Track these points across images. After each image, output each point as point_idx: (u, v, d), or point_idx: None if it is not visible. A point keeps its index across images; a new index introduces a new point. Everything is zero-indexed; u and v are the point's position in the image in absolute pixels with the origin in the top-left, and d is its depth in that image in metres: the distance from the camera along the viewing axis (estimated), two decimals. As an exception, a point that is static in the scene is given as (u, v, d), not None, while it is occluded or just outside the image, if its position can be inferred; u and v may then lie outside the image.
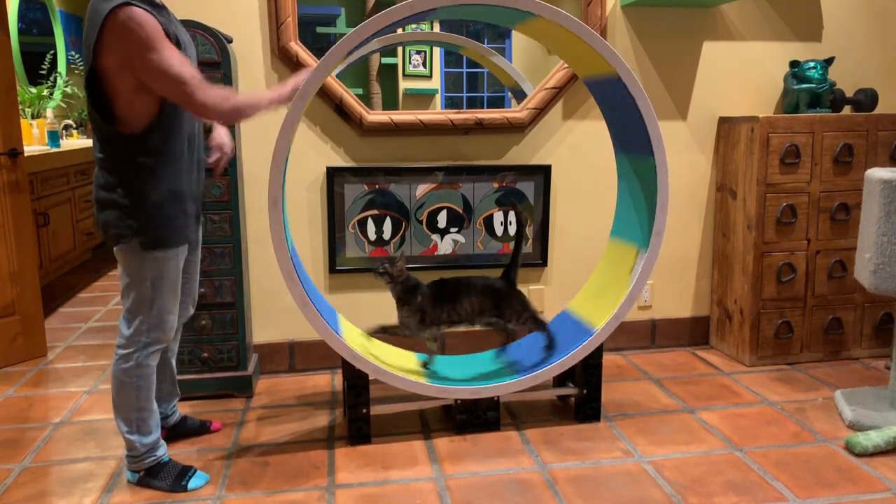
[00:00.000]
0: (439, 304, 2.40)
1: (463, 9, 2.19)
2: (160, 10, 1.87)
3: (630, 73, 2.25)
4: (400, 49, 3.09)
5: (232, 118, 1.92)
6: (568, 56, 2.51)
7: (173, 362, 2.31)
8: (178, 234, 1.98)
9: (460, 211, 2.97)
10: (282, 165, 2.09)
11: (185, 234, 2.01)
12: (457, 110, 2.90)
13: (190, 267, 2.19)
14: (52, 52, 5.22)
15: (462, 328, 2.52)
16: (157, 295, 1.98)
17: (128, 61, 1.78)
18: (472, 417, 2.42)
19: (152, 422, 2.08)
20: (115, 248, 1.97)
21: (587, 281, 2.68)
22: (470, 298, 2.42)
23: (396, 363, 2.46)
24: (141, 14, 1.75)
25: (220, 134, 2.24)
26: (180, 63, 1.81)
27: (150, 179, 1.91)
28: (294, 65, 2.74)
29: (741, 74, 3.12)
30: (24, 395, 2.82)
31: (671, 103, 3.08)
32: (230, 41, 2.62)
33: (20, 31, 4.88)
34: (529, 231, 3.04)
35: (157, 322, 2.01)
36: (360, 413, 2.34)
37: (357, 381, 2.32)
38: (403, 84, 3.13)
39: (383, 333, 2.44)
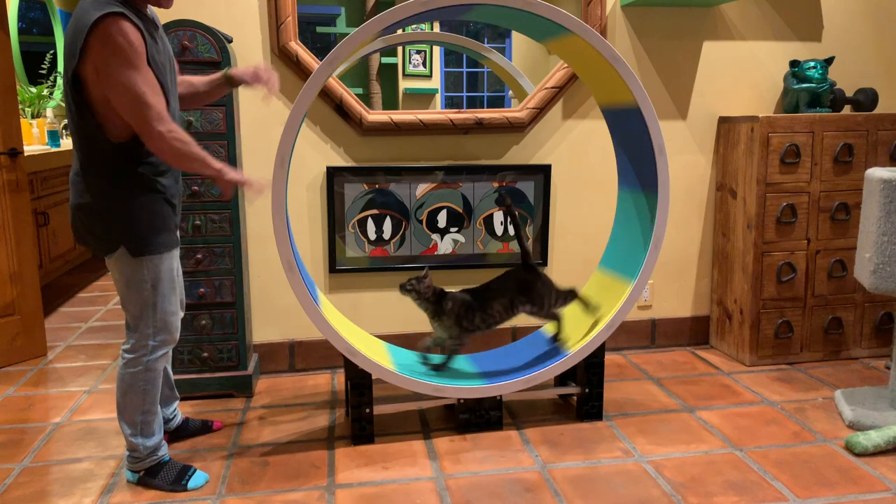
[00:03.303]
0: (471, 312, 2.40)
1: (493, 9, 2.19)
2: (148, 25, 1.85)
3: (650, 105, 2.29)
4: (400, 49, 3.09)
5: (178, 160, 1.84)
6: (590, 79, 2.52)
7: (168, 367, 2.30)
8: (164, 238, 1.97)
9: (460, 210, 2.97)
10: (297, 124, 2.09)
11: (172, 237, 2.00)
12: (457, 110, 2.90)
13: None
14: (52, 51, 5.22)
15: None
16: (159, 297, 1.98)
17: (101, 70, 1.76)
18: (475, 417, 2.42)
19: (156, 424, 2.09)
20: (106, 258, 1.95)
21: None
22: (498, 300, 2.41)
23: None
24: (130, 29, 1.75)
25: (242, 71, 2.15)
26: (152, 89, 1.79)
27: (133, 185, 1.90)
28: (294, 64, 2.74)
29: (741, 74, 3.12)
30: (24, 394, 2.82)
31: (671, 103, 3.08)
32: (230, 41, 2.62)
33: (20, 31, 4.88)
34: (529, 231, 3.04)
35: (162, 325, 2.01)
36: (363, 412, 2.34)
37: (360, 381, 2.31)
38: (403, 84, 3.13)
39: (433, 349, 2.49)
